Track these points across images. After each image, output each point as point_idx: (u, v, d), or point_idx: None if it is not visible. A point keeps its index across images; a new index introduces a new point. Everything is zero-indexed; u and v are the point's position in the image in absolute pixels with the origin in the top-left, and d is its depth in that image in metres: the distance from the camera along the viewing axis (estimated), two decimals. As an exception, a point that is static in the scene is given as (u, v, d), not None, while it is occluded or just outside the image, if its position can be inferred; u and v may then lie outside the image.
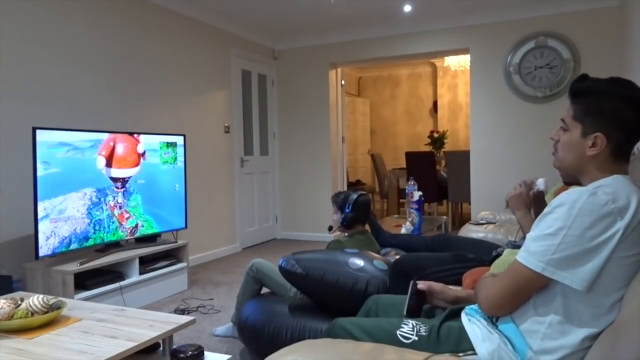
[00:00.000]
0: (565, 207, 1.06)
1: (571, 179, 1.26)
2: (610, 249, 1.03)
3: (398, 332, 1.28)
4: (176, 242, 3.65)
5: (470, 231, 3.22)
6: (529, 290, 1.12)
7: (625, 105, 1.14)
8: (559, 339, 1.08)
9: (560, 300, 1.08)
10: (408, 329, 1.28)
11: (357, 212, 2.64)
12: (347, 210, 2.64)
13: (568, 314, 1.07)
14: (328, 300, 2.10)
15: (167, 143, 3.62)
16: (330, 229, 2.81)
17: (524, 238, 1.31)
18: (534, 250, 1.08)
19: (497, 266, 1.68)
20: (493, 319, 1.21)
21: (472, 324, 1.21)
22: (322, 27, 5.36)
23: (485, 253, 2.11)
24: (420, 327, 1.28)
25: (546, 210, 1.11)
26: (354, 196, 2.67)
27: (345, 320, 1.42)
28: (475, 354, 1.16)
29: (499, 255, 1.81)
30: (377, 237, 2.87)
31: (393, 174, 6.78)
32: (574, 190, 1.09)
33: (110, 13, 3.72)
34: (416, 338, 1.25)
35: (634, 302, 0.95)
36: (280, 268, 2.11)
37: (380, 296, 1.67)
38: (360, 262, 2.07)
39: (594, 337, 1.05)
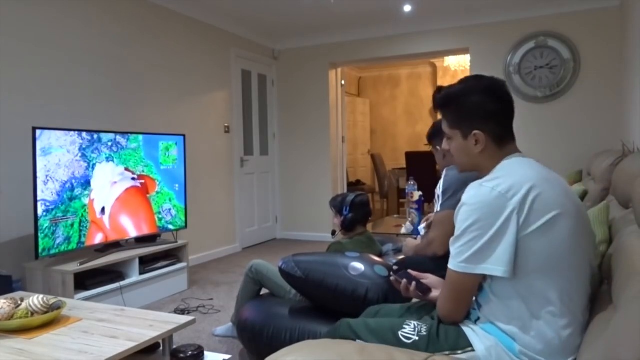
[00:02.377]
0: (465, 206, 1.16)
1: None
2: (514, 227, 1.09)
3: (400, 332, 1.30)
4: (176, 242, 3.65)
5: None
6: (467, 291, 1.20)
7: (484, 97, 1.25)
8: (530, 327, 1.13)
9: (507, 293, 1.14)
10: (410, 329, 1.30)
11: (355, 213, 2.62)
12: (345, 213, 2.63)
13: (521, 304, 1.13)
14: (327, 304, 2.09)
15: (167, 143, 3.63)
16: (333, 233, 2.80)
17: None
18: (454, 253, 1.17)
19: None
20: (477, 321, 1.25)
21: (467, 324, 1.26)
22: (322, 27, 5.35)
23: None
24: (421, 327, 1.30)
25: (456, 213, 1.19)
26: (351, 197, 2.66)
27: (351, 320, 1.44)
28: (473, 350, 1.19)
29: None
30: None
31: (393, 174, 6.78)
32: (468, 187, 1.18)
33: (110, 13, 3.72)
34: (417, 338, 1.27)
35: (634, 303, 0.95)
36: (280, 270, 2.11)
37: (382, 306, 1.66)
38: (360, 267, 2.06)
39: (560, 317, 1.10)
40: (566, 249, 1.11)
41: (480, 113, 1.25)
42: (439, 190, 2.20)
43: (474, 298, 1.27)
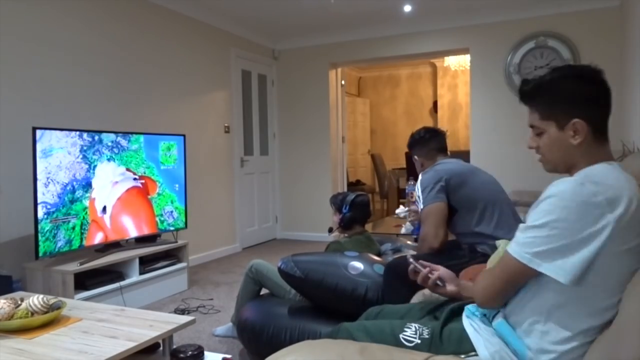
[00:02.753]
0: (554, 198, 1.04)
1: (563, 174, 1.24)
2: (600, 242, 0.99)
3: (401, 335, 1.28)
4: (176, 242, 3.65)
5: None
6: (518, 282, 1.12)
7: (581, 81, 1.13)
8: (557, 337, 1.07)
9: (553, 298, 1.07)
10: (411, 332, 1.28)
11: (354, 213, 2.63)
12: (344, 211, 2.63)
13: (563, 312, 1.06)
14: (327, 303, 2.09)
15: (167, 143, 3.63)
16: (330, 230, 2.80)
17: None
18: (522, 241, 1.07)
19: (492, 260, 1.68)
20: (491, 319, 1.21)
21: (474, 326, 1.21)
22: (322, 27, 5.35)
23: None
24: (422, 330, 1.28)
25: (539, 199, 1.09)
26: (351, 197, 2.67)
27: (348, 324, 1.42)
28: (476, 355, 1.16)
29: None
30: None
31: (393, 174, 6.78)
32: (562, 181, 1.06)
33: (110, 13, 3.72)
34: (419, 341, 1.25)
35: (635, 303, 0.95)
36: (280, 270, 2.11)
37: (382, 307, 1.65)
38: (360, 266, 2.06)
39: (591, 336, 1.05)
40: None
41: (578, 98, 1.11)
42: (417, 192, 2.24)
43: None
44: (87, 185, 3.03)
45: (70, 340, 1.61)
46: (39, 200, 2.73)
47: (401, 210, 3.53)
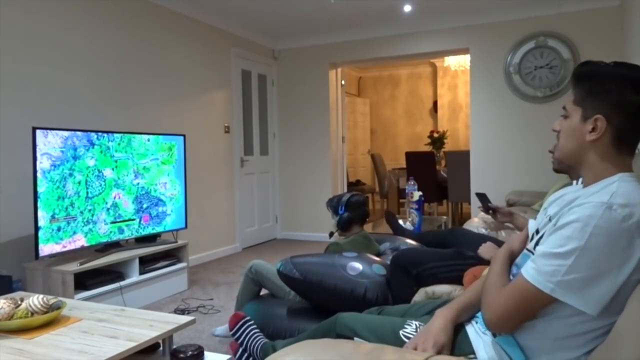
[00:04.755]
0: (579, 224, 0.97)
1: (564, 168, 1.18)
2: (629, 270, 0.95)
3: (401, 332, 1.27)
4: (176, 242, 3.65)
5: (472, 229, 3.21)
6: (535, 308, 1.05)
7: (630, 87, 1.05)
8: (564, 354, 1.04)
9: (570, 319, 1.03)
10: (411, 329, 1.28)
11: (351, 213, 2.62)
12: (340, 212, 2.63)
13: (577, 331, 1.03)
14: (326, 304, 2.09)
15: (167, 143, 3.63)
16: (331, 235, 2.80)
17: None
18: (544, 269, 1.00)
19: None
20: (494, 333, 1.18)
21: (475, 328, 1.20)
22: (322, 27, 5.35)
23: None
24: (422, 328, 1.27)
25: (559, 223, 1.02)
26: (346, 197, 2.66)
27: (347, 315, 1.40)
28: (475, 357, 1.15)
29: None
30: (403, 234, 2.92)
31: (393, 174, 6.77)
32: (587, 205, 0.99)
33: (110, 13, 3.72)
34: None
35: (635, 304, 0.95)
36: (279, 272, 2.11)
37: (382, 308, 1.65)
38: (359, 267, 2.07)
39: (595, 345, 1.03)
40: None
41: (615, 99, 1.05)
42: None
43: None
44: (87, 185, 3.03)
45: (70, 340, 1.61)
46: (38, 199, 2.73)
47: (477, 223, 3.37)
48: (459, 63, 6.87)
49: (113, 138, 3.21)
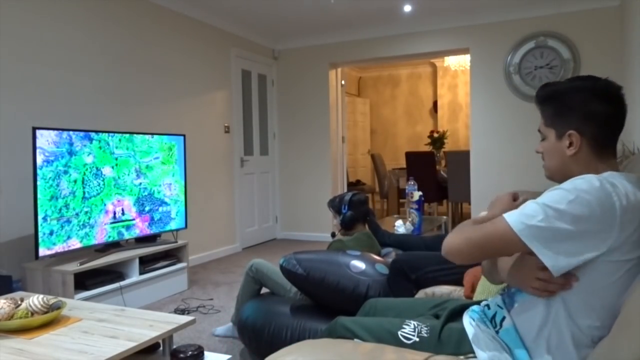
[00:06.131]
0: (570, 186, 1.03)
1: (559, 182, 1.20)
2: (604, 245, 0.99)
3: (400, 332, 1.28)
4: (176, 242, 3.65)
5: None
6: (499, 250, 1.09)
7: (592, 97, 1.12)
8: (564, 351, 1.05)
9: (563, 314, 1.05)
10: (410, 329, 1.28)
11: (354, 211, 2.63)
12: (344, 212, 2.63)
13: (572, 328, 1.05)
14: (328, 302, 2.09)
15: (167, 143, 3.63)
16: (333, 235, 2.80)
17: None
18: (524, 212, 1.04)
19: None
20: (497, 326, 1.18)
21: (474, 327, 1.20)
22: (322, 27, 5.35)
23: None
24: (421, 328, 1.27)
25: (552, 188, 1.07)
26: (348, 196, 2.67)
27: (346, 319, 1.41)
28: (475, 357, 1.15)
29: None
30: (376, 236, 2.85)
31: (393, 174, 6.78)
32: (583, 177, 1.05)
33: (110, 13, 3.72)
34: (417, 339, 1.25)
35: (636, 302, 0.95)
36: (281, 267, 2.11)
37: (378, 299, 1.66)
38: (361, 265, 2.07)
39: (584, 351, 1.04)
40: None
41: (581, 112, 1.12)
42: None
43: (506, 291, 1.22)
44: (87, 185, 3.03)
45: (70, 340, 1.61)
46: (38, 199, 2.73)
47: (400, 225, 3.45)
48: (459, 63, 6.87)
49: (113, 135, 3.21)
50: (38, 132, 2.73)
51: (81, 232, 2.99)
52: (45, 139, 2.77)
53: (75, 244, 2.95)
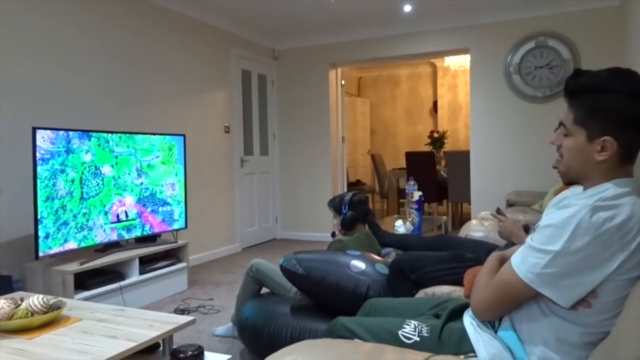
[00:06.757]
0: (561, 223, 1.01)
1: (572, 181, 1.20)
2: (608, 269, 0.98)
3: (400, 332, 1.28)
4: (176, 242, 3.65)
5: (471, 230, 3.21)
6: (518, 298, 1.10)
7: (631, 100, 1.02)
8: (559, 350, 1.06)
9: (555, 315, 1.06)
10: (410, 329, 1.28)
11: (354, 211, 2.64)
12: (344, 212, 2.64)
13: (563, 329, 1.06)
14: (328, 302, 2.09)
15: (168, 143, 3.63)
16: (333, 235, 2.80)
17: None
18: (527, 260, 1.05)
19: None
20: (496, 324, 1.20)
21: (474, 327, 1.20)
22: (322, 27, 5.35)
23: (485, 253, 2.10)
24: (422, 327, 1.27)
25: (546, 221, 1.05)
26: (348, 196, 2.67)
27: (347, 319, 1.42)
28: (475, 356, 1.15)
29: None
30: (376, 236, 2.85)
31: (393, 174, 6.78)
32: (572, 207, 1.02)
33: (110, 13, 3.72)
34: (418, 339, 1.25)
35: (635, 302, 0.95)
36: (281, 267, 2.11)
37: (378, 299, 1.66)
38: (362, 265, 2.07)
39: (591, 349, 1.04)
40: None
41: (620, 117, 1.03)
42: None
43: None
44: (87, 185, 3.03)
45: (70, 340, 1.61)
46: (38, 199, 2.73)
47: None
48: (459, 63, 6.87)
49: (113, 138, 3.20)
50: (38, 132, 2.73)
51: (79, 235, 2.98)
52: (41, 136, 2.76)
53: (72, 247, 2.95)
